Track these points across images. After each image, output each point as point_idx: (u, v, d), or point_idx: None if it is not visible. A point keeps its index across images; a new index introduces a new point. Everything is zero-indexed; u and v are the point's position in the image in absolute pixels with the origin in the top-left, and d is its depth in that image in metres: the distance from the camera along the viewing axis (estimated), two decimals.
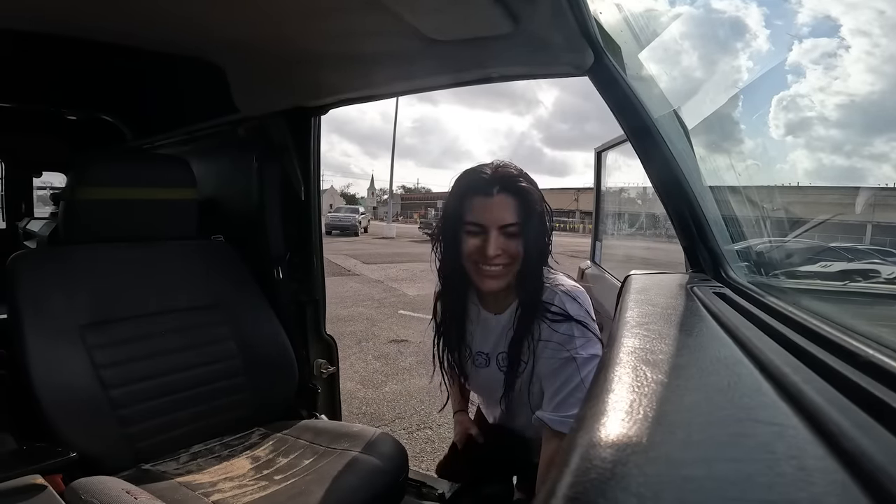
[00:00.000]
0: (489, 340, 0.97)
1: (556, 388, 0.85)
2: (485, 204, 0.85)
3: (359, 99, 1.36)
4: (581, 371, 0.84)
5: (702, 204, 0.92)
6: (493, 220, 0.84)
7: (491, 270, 0.86)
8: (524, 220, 0.85)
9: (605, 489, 0.21)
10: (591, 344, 0.86)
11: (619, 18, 0.99)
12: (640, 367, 0.37)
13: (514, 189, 0.85)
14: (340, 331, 4.15)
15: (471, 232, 0.86)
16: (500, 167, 0.88)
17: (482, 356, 0.99)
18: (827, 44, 3.39)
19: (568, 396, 0.83)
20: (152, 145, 2.00)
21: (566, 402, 0.84)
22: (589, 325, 0.87)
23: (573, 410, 0.81)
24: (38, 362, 1.04)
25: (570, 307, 0.87)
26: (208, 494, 1.00)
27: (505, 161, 0.90)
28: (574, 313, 0.87)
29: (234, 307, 1.38)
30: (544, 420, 0.85)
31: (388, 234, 18.85)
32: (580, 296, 0.90)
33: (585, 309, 0.89)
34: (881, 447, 0.24)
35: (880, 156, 2.60)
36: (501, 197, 0.84)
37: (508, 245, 0.85)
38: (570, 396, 0.83)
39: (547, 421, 0.85)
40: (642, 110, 0.90)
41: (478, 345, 0.99)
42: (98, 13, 1.07)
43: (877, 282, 1.46)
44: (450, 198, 0.89)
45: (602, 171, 2.26)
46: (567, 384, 0.84)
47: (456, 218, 0.87)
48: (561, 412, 0.84)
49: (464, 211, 0.86)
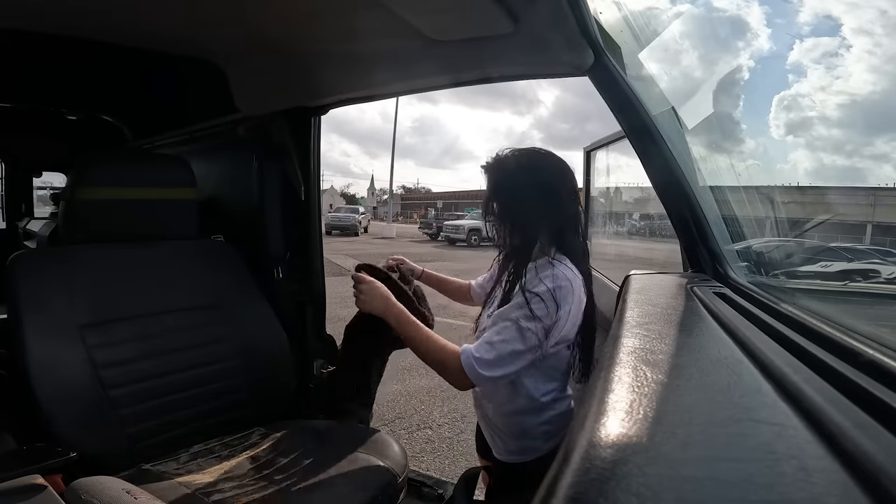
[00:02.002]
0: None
1: (490, 340, 0.90)
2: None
3: (359, 99, 1.36)
4: (511, 333, 0.88)
5: (701, 204, 0.92)
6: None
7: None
8: (486, 201, 0.98)
9: (605, 489, 0.22)
10: (515, 307, 0.89)
11: (619, 18, 0.99)
12: (640, 367, 0.37)
13: (487, 171, 0.99)
14: (340, 331, 4.14)
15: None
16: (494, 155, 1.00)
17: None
18: (828, 43, 3.40)
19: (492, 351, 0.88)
20: (152, 145, 2.00)
21: (482, 352, 0.88)
22: (529, 299, 0.88)
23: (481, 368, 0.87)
24: (39, 362, 1.04)
25: (541, 285, 0.89)
26: (208, 494, 1.00)
27: (504, 148, 1.00)
28: (539, 290, 0.89)
29: (235, 307, 1.38)
30: (463, 355, 0.90)
31: (388, 234, 18.85)
32: (548, 279, 0.90)
33: (545, 287, 0.89)
34: (881, 447, 0.24)
35: (881, 156, 2.61)
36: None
37: (489, 228, 1.00)
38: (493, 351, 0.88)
39: (463, 358, 0.89)
40: (642, 110, 0.90)
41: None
42: (98, 13, 1.07)
43: (877, 282, 1.46)
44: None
45: (591, 171, 2.27)
46: (501, 344, 0.88)
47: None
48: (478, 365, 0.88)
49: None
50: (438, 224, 18.53)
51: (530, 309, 0.87)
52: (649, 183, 0.96)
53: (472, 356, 0.89)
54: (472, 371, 0.88)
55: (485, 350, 0.89)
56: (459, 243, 15.79)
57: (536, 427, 0.98)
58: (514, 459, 1.01)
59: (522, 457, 1.00)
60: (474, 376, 0.88)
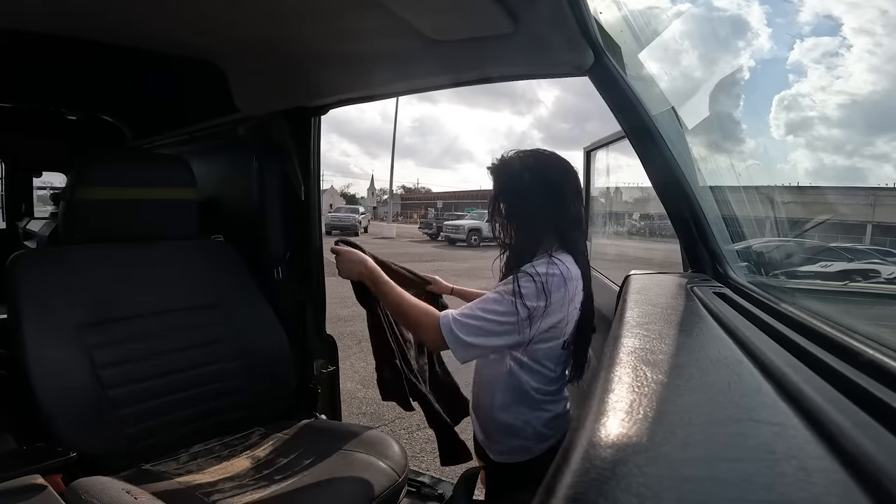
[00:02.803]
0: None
1: (472, 306, 0.92)
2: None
3: (359, 99, 1.36)
4: (489, 298, 0.90)
5: (701, 204, 0.92)
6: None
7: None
8: (492, 200, 0.99)
9: (605, 489, 0.22)
10: (503, 284, 0.91)
11: (619, 18, 0.99)
12: (640, 367, 0.37)
13: (492, 173, 1.00)
14: (340, 331, 4.14)
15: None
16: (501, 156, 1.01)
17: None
18: (828, 43, 3.40)
19: (471, 316, 0.90)
20: (152, 145, 2.00)
21: (463, 323, 0.89)
22: (518, 277, 0.89)
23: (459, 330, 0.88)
24: (38, 362, 1.04)
25: (532, 269, 0.90)
26: (208, 494, 1.00)
27: (510, 150, 1.02)
28: (529, 271, 0.90)
29: (234, 307, 1.38)
30: (441, 318, 0.91)
31: (388, 234, 18.85)
32: (541, 265, 0.90)
33: (535, 270, 0.89)
34: (881, 447, 0.24)
35: (881, 156, 2.61)
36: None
37: (493, 228, 1.01)
38: (471, 317, 0.89)
39: (441, 321, 0.90)
40: (642, 110, 0.90)
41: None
42: (98, 14, 1.07)
43: (877, 282, 1.46)
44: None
45: (591, 171, 2.27)
46: (479, 309, 0.90)
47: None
48: (455, 326, 0.89)
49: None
50: (438, 224, 18.55)
51: (518, 286, 0.88)
52: (649, 183, 0.96)
53: (452, 317, 0.90)
54: (449, 332, 0.89)
55: (466, 315, 0.90)
56: (459, 243, 15.80)
57: (528, 427, 0.98)
58: (506, 459, 1.01)
59: (516, 457, 1.00)
60: (451, 338, 0.89)
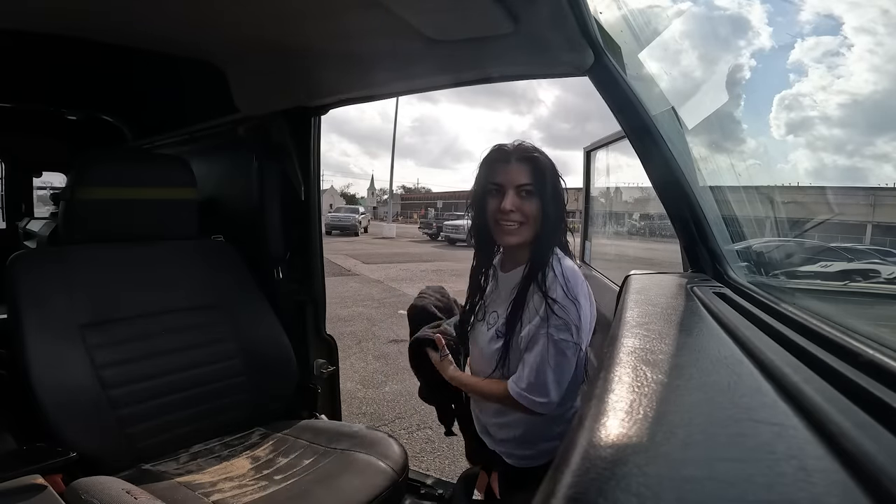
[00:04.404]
0: (499, 299, 1.05)
1: (532, 366, 0.93)
2: (504, 168, 0.98)
3: (359, 99, 1.36)
4: (549, 350, 0.91)
5: (701, 204, 0.92)
6: (509, 180, 0.97)
7: (508, 226, 0.98)
8: (537, 182, 0.96)
9: (605, 489, 0.21)
10: (563, 328, 0.91)
11: (619, 18, 0.99)
12: (640, 367, 0.37)
13: (529, 158, 0.98)
14: (340, 331, 4.15)
15: (492, 192, 0.99)
16: (519, 143, 1.01)
17: (494, 314, 1.06)
18: (829, 42, 3.39)
19: (540, 375, 0.92)
20: (152, 145, 2.00)
21: (537, 385, 0.92)
22: (567, 309, 0.92)
23: (537, 396, 0.92)
24: (38, 362, 1.04)
25: (557, 287, 0.93)
26: (208, 494, 1.00)
27: (523, 140, 1.02)
28: (558, 295, 0.93)
29: (234, 307, 1.38)
30: (512, 393, 0.95)
31: (388, 234, 18.85)
32: (571, 278, 0.95)
33: (574, 293, 0.93)
34: (881, 447, 0.24)
35: (881, 156, 2.60)
36: (518, 164, 0.98)
37: (523, 205, 0.97)
38: (541, 375, 0.92)
39: (514, 395, 0.94)
40: (642, 110, 0.90)
41: (491, 304, 1.07)
42: (99, 14, 1.07)
43: (877, 282, 1.46)
44: (479, 168, 1.03)
45: (591, 171, 2.27)
46: (542, 365, 0.92)
47: (482, 182, 1.01)
48: (530, 393, 0.93)
49: (488, 176, 1.01)
50: (438, 224, 18.52)
51: (556, 316, 0.91)
52: (649, 183, 0.96)
53: (521, 390, 0.93)
54: (532, 403, 0.92)
55: (532, 376, 0.92)
56: (459, 243, 15.77)
57: (549, 432, 1.01)
58: (525, 464, 1.04)
59: (533, 462, 1.03)
60: (535, 406, 0.92)
